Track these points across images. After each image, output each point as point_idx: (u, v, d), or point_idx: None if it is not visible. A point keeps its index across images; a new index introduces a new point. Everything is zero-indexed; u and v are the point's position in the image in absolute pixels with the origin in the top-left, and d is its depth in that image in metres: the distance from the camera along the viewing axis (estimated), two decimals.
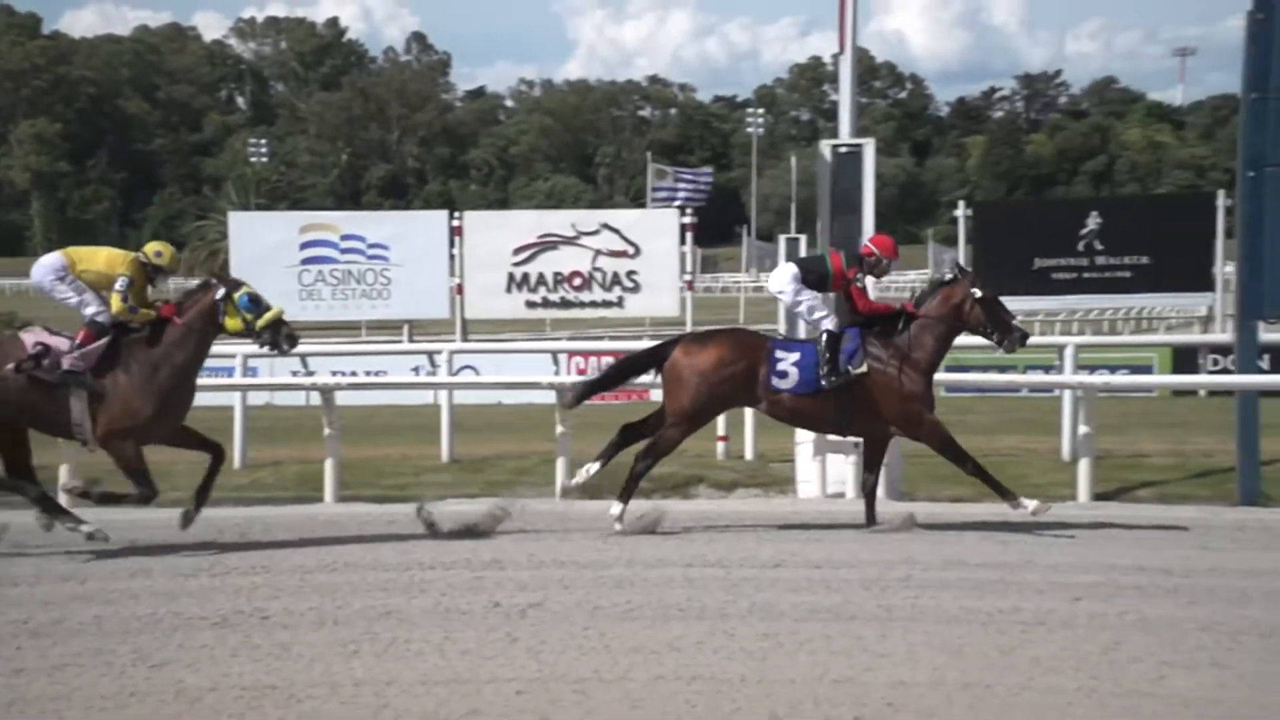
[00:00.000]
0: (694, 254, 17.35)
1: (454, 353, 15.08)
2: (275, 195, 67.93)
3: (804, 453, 10.71)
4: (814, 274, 9.10)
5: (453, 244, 16.66)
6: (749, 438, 12.50)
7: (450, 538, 8.60)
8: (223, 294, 8.44)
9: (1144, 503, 10.19)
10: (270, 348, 8.61)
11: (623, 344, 21.76)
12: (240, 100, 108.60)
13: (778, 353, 8.89)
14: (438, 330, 20.36)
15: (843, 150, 10.98)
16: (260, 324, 8.44)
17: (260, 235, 17.78)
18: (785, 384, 8.81)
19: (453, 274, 16.68)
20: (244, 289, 8.50)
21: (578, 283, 16.59)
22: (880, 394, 8.78)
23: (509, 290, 16.59)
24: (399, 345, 18.83)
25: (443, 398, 13.23)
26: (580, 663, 5.80)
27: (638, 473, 8.96)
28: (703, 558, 7.94)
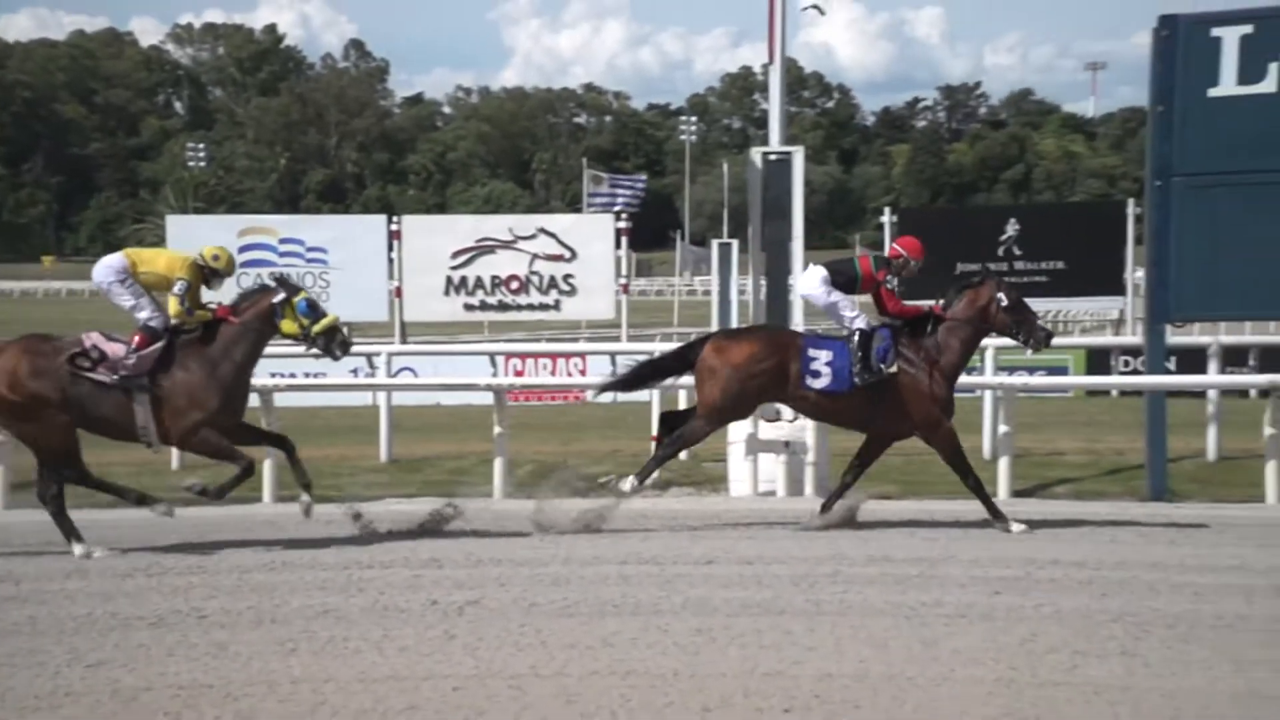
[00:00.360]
0: (629, 258, 17.36)
1: (393, 355, 14.96)
2: (213, 199, 67.08)
3: (736, 452, 10.76)
4: (843, 276, 9.04)
5: (391, 248, 16.51)
6: None
7: (393, 538, 8.53)
8: (282, 298, 8.43)
9: (1060, 499, 10.35)
10: (323, 353, 8.60)
11: (559, 345, 21.81)
12: (178, 105, 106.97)
13: (810, 350, 8.82)
14: (377, 332, 20.18)
15: (773, 158, 11.05)
16: (316, 329, 8.45)
17: (198, 238, 17.31)
18: (818, 383, 8.74)
19: (391, 277, 16.55)
20: (302, 294, 8.53)
21: (515, 286, 16.52)
22: (908, 395, 8.73)
23: (447, 293, 16.47)
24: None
25: (381, 399, 13.12)
26: (517, 659, 5.78)
27: (660, 456, 8.93)
28: (637, 555, 7.93)
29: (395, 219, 17.01)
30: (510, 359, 18.89)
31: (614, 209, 28.11)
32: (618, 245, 16.57)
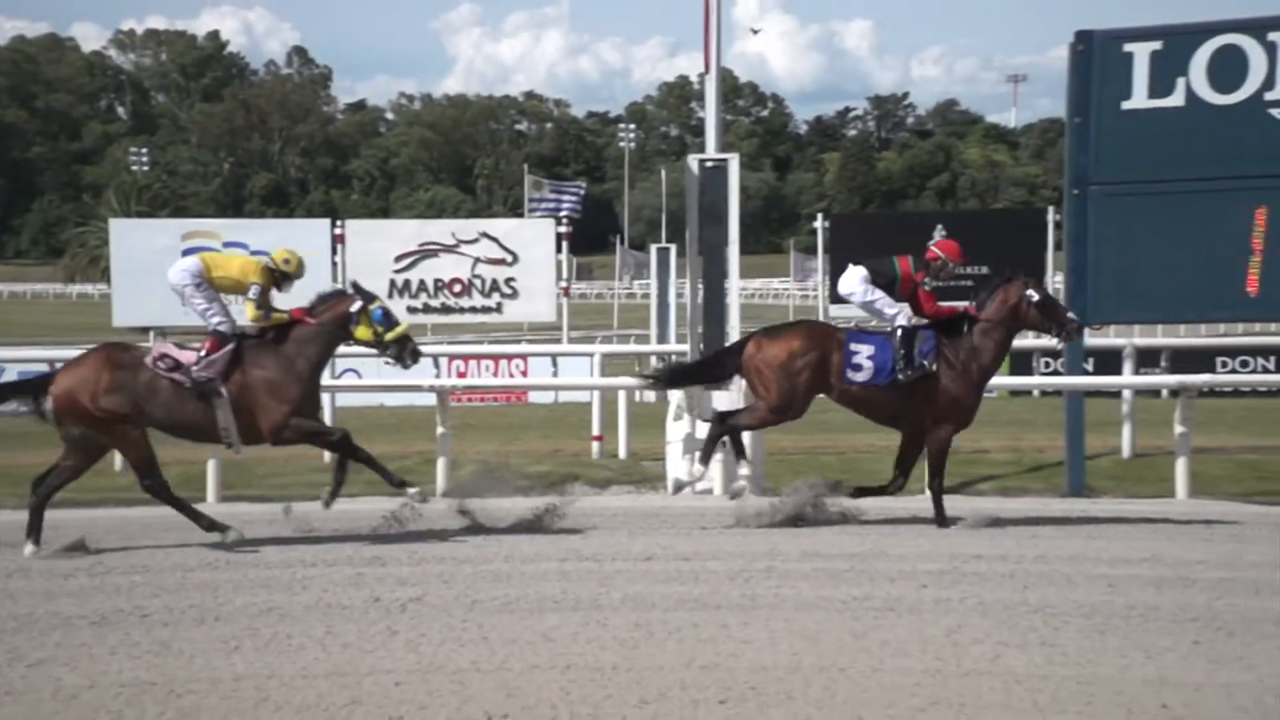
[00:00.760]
0: (569, 262, 17.36)
1: (336, 356, 14.84)
2: (157, 203, 65.85)
3: (674, 452, 10.78)
4: (883, 277, 9.00)
5: (335, 251, 16.40)
6: (623, 438, 12.55)
7: (336, 536, 8.45)
8: (359, 305, 8.43)
9: (984, 495, 10.47)
10: (394, 361, 8.62)
11: (501, 347, 21.72)
12: (120, 110, 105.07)
13: (852, 345, 8.82)
14: None
15: (709, 164, 11.08)
16: (389, 337, 8.47)
17: (141, 242, 17.21)
18: (859, 376, 8.74)
19: (335, 280, 16.41)
20: (378, 303, 8.55)
21: (458, 289, 16.46)
22: (942, 393, 8.72)
23: (391, 296, 16.31)
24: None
25: (325, 400, 12.98)
26: (459, 654, 5.75)
27: (714, 435, 8.93)
28: (577, 552, 7.93)
29: (339, 223, 16.89)
30: (453, 360, 18.78)
31: (564, 213, 28.03)
32: (558, 249, 16.58)
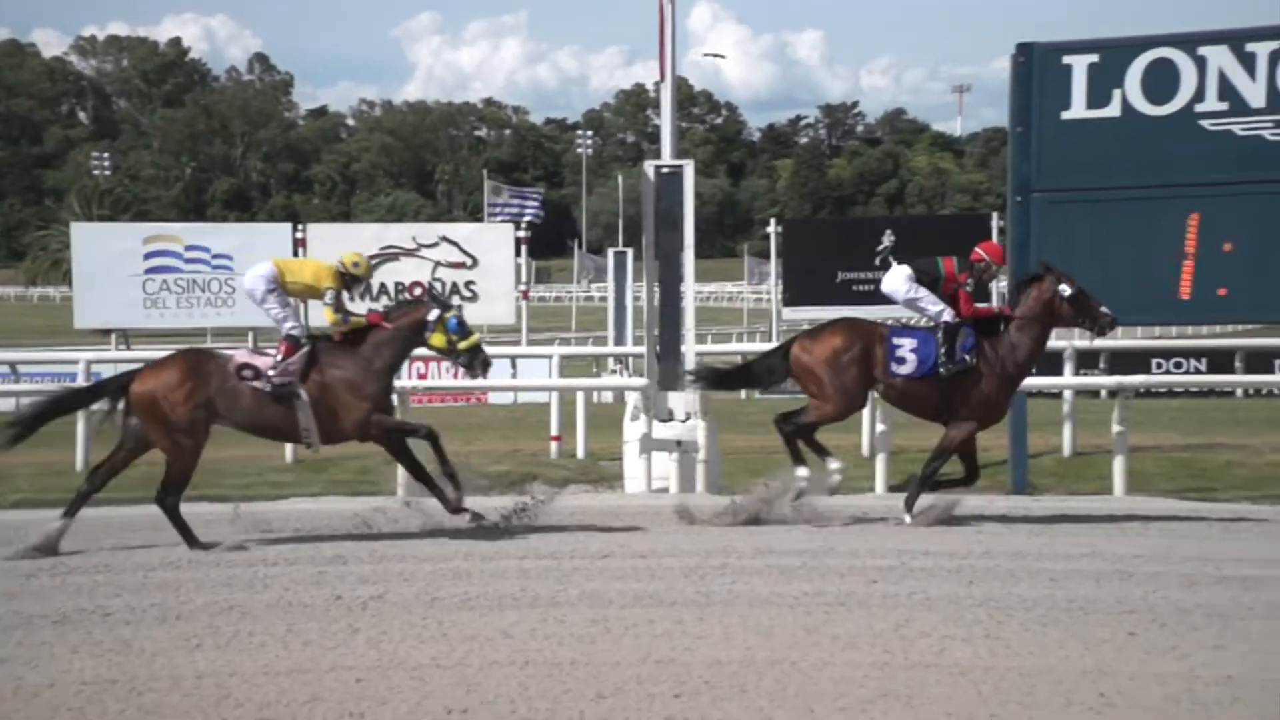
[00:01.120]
0: (528, 265, 17.34)
1: None
2: (118, 207, 64.85)
3: (631, 451, 10.79)
4: (927, 276, 8.96)
5: (296, 255, 16.29)
6: (580, 438, 12.55)
7: (298, 536, 8.38)
8: (436, 314, 8.43)
9: (931, 493, 10.53)
10: (465, 369, 8.70)
11: None
12: (82, 115, 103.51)
13: (895, 339, 8.81)
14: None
15: (665, 171, 11.11)
16: (462, 345, 8.50)
17: (103, 246, 17.07)
18: (904, 369, 8.71)
19: None
20: (453, 311, 8.58)
21: (418, 292, 16.41)
22: (979, 389, 8.70)
23: (352, 299, 16.33)
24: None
25: None
26: (419, 650, 5.72)
27: (789, 434, 8.88)
28: (536, 550, 7.91)
29: (300, 227, 16.78)
30: (414, 362, 18.68)
31: (528, 219, 27.99)
32: (517, 253, 16.57)
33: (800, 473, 8.82)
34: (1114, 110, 10.37)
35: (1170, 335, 28.69)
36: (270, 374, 8.14)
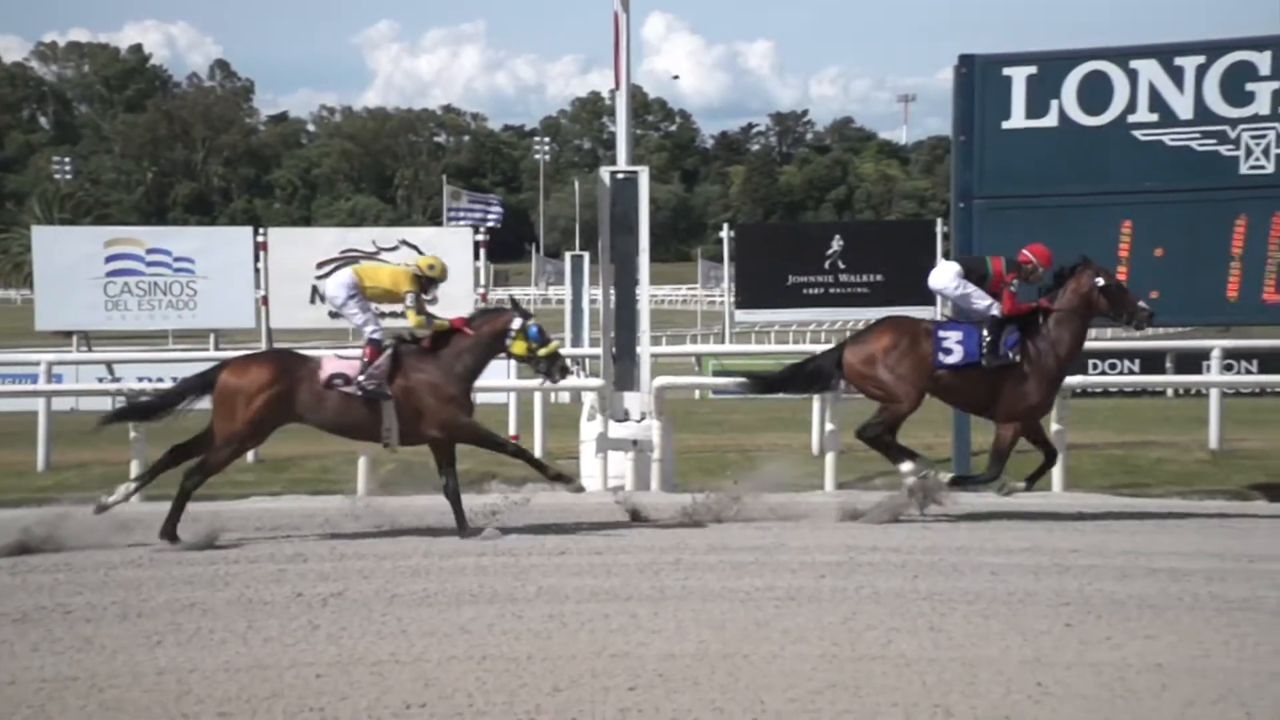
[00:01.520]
0: (487, 269, 17.29)
1: None
2: (80, 211, 63.97)
3: (587, 450, 10.79)
4: (975, 274, 8.93)
5: (258, 258, 16.14)
6: (538, 437, 12.52)
7: (259, 534, 8.30)
8: (519, 323, 8.41)
9: (879, 490, 10.60)
10: (545, 375, 8.74)
11: None
12: (43, 120, 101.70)
13: (940, 331, 8.79)
14: (244, 339, 19.64)
15: (620, 176, 11.12)
16: (542, 353, 8.53)
17: (64, 249, 16.84)
18: (951, 359, 8.69)
19: (258, 287, 16.16)
20: (533, 320, 8.59)
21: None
22: (1021, 384, 8.68)
23: (313, 302, 16.13)
24: (205, 353, 18.10)
25: None
26: (378, 646, 5.69)
27: (875, 438, 8.90)
28: (494, 547, 7.89)
29: (261, 231, 16.63)
30: None
31: (491, 223, 27.94)
32: (476, 257, 16.50)
33: (905, 468, 8.86)
34: (1052, 120, 10.51)
35: (1105, 337, 29.01)
36: (360, 379, 8.19)
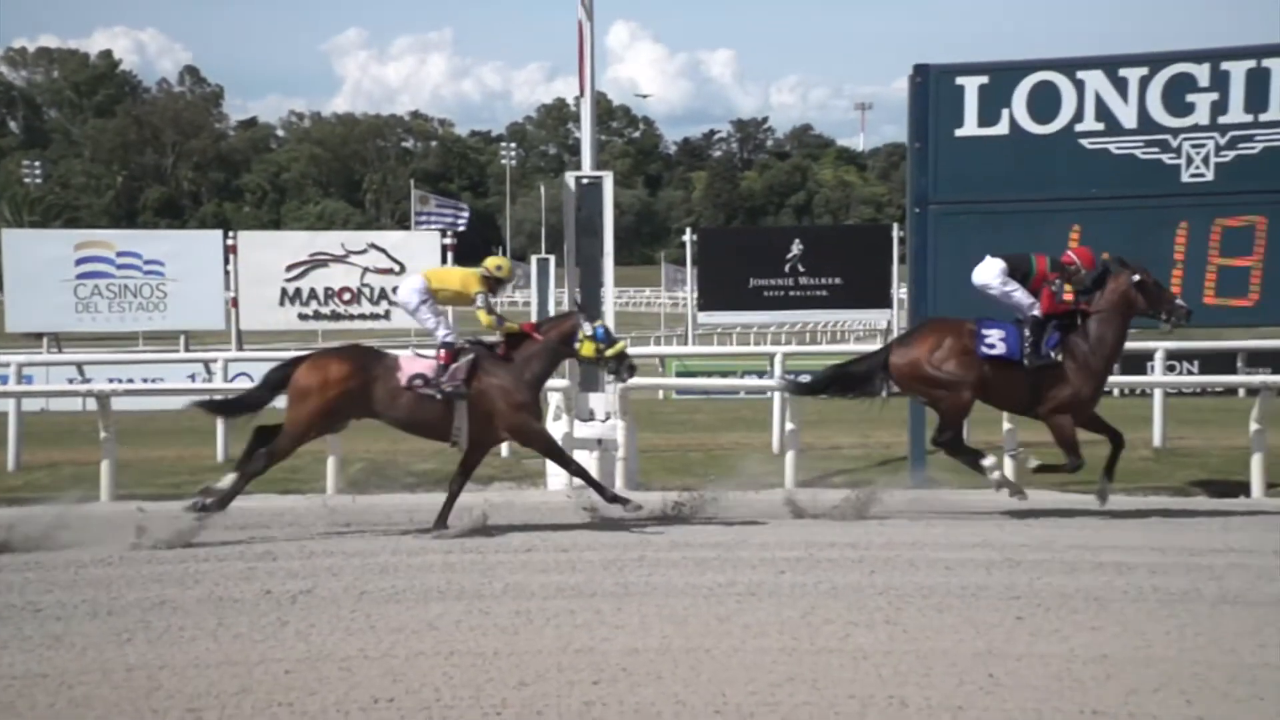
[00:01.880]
0: None
1: (229, 361, 14.46)
2: (50, 214, 63.15)
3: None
4: (1019, 271, 8.86)
5: (228, 261, 16.03)
6: None
7: (230, 532, 8.22)
8: (586, 326, 8.52)
9: (838, 488, 10.65)
10: (613, 375, 8.81)
11: (390, 353, 21.33)
12: (12, 124, 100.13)
13: (983, 329, 8.75)
14: (214, 341, 19.50)
15: (585, 181, 11.11)
16: (609, 353, 8.53)
17: (35, 252, 16.71)
18: (993, 353, 8.64)
19: (228, 289, 16.06)
20: (599, 322, 8.67)
21: (347, 297, 16.31)
22: (1063, 382, 8.63)
23: (282, 304, 16.11)
24: (175, 354, 17.94)
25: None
26: (347, 643, 5.66)
27: (951, 442, 8.84)
28: (461, 544, 7.87)
29: (231, 234, 16.50)
30: None
31: (456, 228, 27.88)
32: (444, 260, 16.46)
33: (987, 463, 8.84)
34: (1003, 128, 10.60)
35: None
36: (441, 380, 8.21)
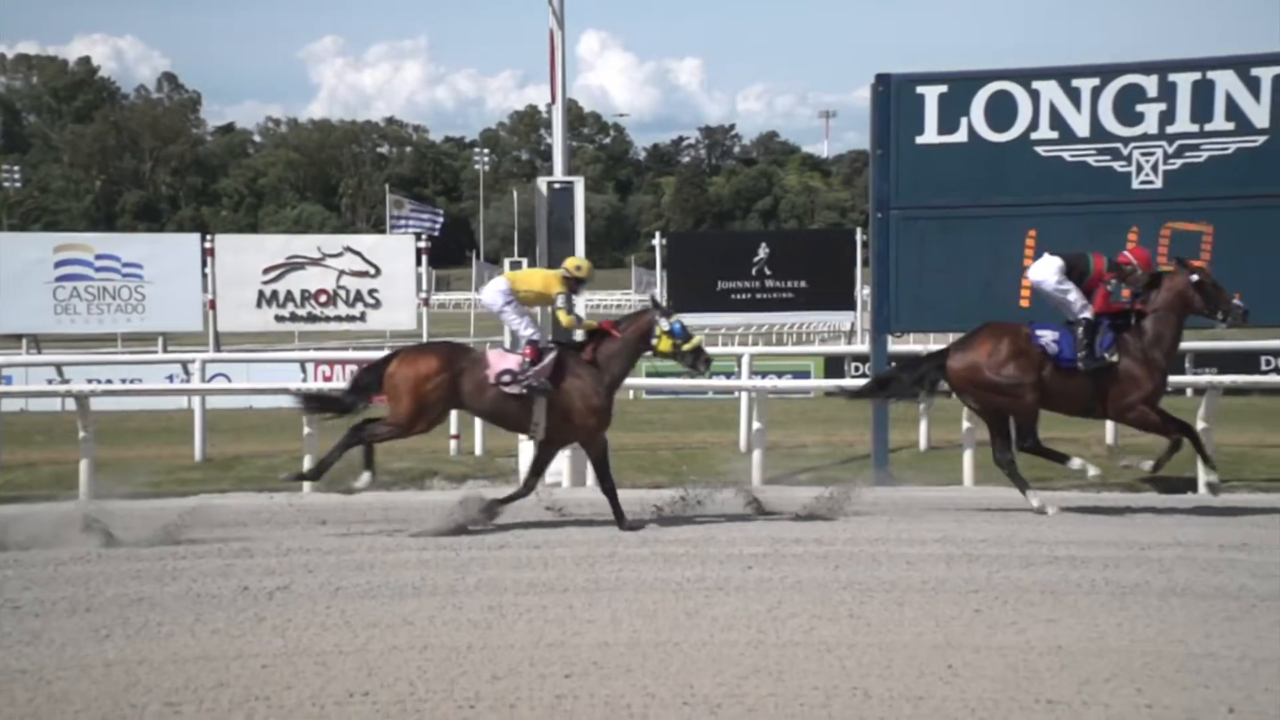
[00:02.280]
0: (429, 274, 17.18)
1: (207, 362, 14.35)
2: (29, 218, 62.42)
3: (526, 449, 10.69)
4: (1076, 270, 8.72)
5: (205, 264, 15.91)
6: (478, 435, 12.45)
7: (208, 530, 8.15)
8: (663, 323, 8.48)
9: (803, 485, 10.70)
10: (690, 369, 8.75)
11: (365, 354, 21.27)
12: None
13: (1037, 331, 8.65)
14: (192, 342, 19.34)
15: (557, 186, 11.10)
16: (686, 348, 8.51)
17: (13, 255, 16.50)
18: (1055, 354, 8.52)
19: (206, 291, 15.94)
20: (675, 317, 8.56)
21: (323, 299, 16.19)
22: (1124, 382, 8.52)
23: (259, 306, 15.97)
24: (153, 355, 17.79)
25: (195, 403, 12.55)
26: (322, 638, 5.63)
27: (1029, 449, 8.71)
28: (435, 541, 7.82)
29: (209, 237, 16.37)
30: (319, 366, 18.36)
31: (432, 232, 27.81)
32: (418, 263, 16.41)
33: (1074, 465, 8.79)
34: (962, 136, 10.69)
35: None
36: (527, 377, 8.21)
